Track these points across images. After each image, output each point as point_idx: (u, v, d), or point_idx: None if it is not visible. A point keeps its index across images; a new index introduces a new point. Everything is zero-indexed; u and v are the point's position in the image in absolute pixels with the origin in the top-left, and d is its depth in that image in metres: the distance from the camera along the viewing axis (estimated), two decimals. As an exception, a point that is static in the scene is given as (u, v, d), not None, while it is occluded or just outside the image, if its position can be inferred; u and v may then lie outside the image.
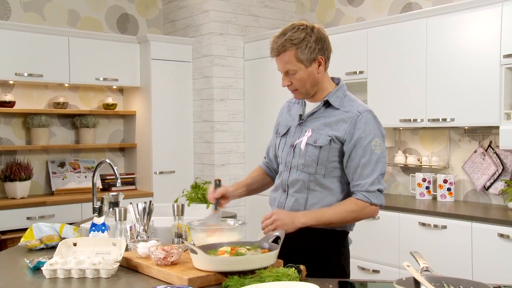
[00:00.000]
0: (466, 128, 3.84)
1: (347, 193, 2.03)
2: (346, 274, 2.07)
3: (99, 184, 4.60)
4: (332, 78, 2.12)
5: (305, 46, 1.94)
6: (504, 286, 1.65)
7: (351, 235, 2.13)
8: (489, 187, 3.73)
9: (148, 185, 4.74)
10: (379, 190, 1.96)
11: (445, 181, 3.85)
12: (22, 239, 2.27)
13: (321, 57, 1.99)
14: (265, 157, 2.33)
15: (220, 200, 2.11)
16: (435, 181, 3.95)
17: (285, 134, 2.12)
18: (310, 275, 1.77)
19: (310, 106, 2.07)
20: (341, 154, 1.98)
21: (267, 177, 2.30)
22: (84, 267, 1.78)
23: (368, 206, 1.94)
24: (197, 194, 3.14)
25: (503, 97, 3.35)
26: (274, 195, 2.16)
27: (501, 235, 3.12)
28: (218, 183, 2.13)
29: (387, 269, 3.69)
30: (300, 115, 2.08)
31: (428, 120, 3.74)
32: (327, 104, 2.03)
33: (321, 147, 1.97)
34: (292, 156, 2.05)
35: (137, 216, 2.11)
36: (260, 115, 4.72)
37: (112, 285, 1.72)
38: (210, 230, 1.95)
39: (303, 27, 1.96)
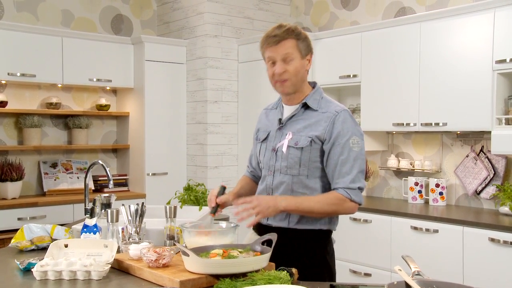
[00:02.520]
0: (458, 132, 3.86)
1: None
2: (333, 272, 2.10)
3: (91, 185, 4.58)
4: (309, 82, 2.17)
5: (303, 39, 2.05)
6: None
7: (335, 235, 2.15)
8: (480, 191, 3.75)
9: (141, 186, 4.73)
10: (360, 188, 2.00)
11: (437, 185, 3.87)
12: (12, 240, 2.26)
13: (311, 55, 2.10)
14: (248, 166, 2.37)
15: (219, 207, 2.11)
16: (427, 185, 3.96)
17: (265, 139, 2.16)
18: (299, 276, 1.77)
19: (288, 110, 2.12)
20: (322, 154, 2.03)
21: (255, 185, 2.31)
22: (75, 268, 1.78)
23: (348, 202, 1.98)
24: (190, 196, 3.13)
25: (495, 102, 3.38)
26: None
27: (492, 240, 3.14)
28: (223, 190, 2.12)
29: (379, 272, 3.70)
30: (280, 119, 2.12)
31: (421, 124, 3.76)
32: (305, 107, 2.08)
33: (302, 148, 2.02)
34: (275, 160, 2.08)
35: (129, 218, 2.10)
36: (253, 118, 4.69)
37: (103, 287, 1.71)
38: (202, 233, 1.95)
39: (299, 27, 2.08)
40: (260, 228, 2.12)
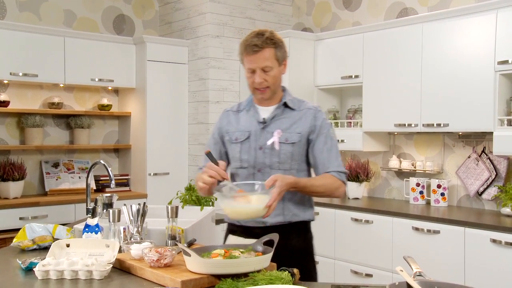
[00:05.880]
0: (460, 133, 3.85)
1: None
2: (313, 255, 2.25)
3: (93, 185, 4.58)
4: None
5: (281, 47, 2.14)
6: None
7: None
8: (482, 192, 3.74)
9: (142, 186, 4.73)
10: (345, 172, 2.20)
11: (438, 186, 3.86)
12: (14, 240, 2.26)
13: (286, 59, 2.20)
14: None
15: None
16: (428, 186, 3.96)
17: (247, 139, 2.19)
18: (282, 263, 1.82)
19: (266, 110, 2.20)
20: (307, 147, 2.19)
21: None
22: (77, 268, 1.78)
23: (341, 183, 2.15)
24: (191, 196, 3.13)
25: (497, 103, 3.37)
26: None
27: (494, 241, 3.13)
28: (211, 155, 2.05)
29: (380, 273, 3.69)
30: (264, 119, 2.19)
31: (423, 125, 3.75)
32: (284, 105, 2.21)
33: (293, 143, 2.14)
34: (264, 157, 2.15)
35: (131, 218, 2.11)
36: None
37: (104, 287, 1.72)
38: (239, 196, 1.92)
39: (274, 32, 2.17)
40: (249, 229, 2.15)
